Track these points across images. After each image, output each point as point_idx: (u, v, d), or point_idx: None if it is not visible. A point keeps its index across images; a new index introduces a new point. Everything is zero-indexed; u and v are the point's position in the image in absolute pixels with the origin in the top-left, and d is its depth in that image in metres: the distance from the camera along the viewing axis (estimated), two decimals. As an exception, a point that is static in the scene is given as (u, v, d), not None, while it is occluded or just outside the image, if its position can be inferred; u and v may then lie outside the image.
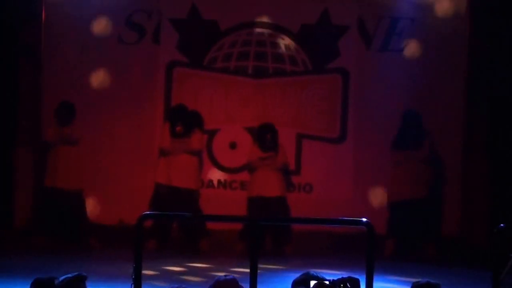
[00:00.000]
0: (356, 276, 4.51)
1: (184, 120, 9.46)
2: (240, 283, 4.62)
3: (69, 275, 4.58)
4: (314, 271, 4.61)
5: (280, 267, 8.38)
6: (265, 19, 10.27)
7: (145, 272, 4.93)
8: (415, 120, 9.52)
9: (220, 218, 7.96)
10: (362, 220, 4.76)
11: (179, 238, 9.67)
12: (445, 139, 9.95)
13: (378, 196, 9.90)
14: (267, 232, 9.45)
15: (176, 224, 9.58)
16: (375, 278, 4.66)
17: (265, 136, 9.51)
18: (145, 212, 5.02)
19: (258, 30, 10.27)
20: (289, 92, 10.27)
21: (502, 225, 5.41)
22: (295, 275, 4.69)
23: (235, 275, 4.83)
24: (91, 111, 9.99)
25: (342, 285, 4.37)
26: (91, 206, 9.71)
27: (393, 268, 8.25)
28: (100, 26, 10.08)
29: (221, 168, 10.23)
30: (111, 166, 10.03)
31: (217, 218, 8.13)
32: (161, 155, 9.59)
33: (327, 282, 4.37)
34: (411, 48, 10.11)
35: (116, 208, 9.88)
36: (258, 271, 4.65)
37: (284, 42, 10.26)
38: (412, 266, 8.60)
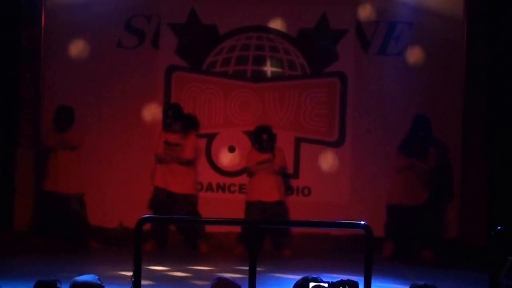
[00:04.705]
0: (355, 279, 4.55)
1: (180, 119, 9.49)
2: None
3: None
4: (312, 274, 4.65)
5: (279, 270, 8.40)
6: (264, 23, 10.30)
7: (144, 274, 4.96)
8: (425, 124, 9.49)
9: (219, 222, 7.99)
10: (360, 223, 4.81)
11: (178, 240, 9.71)
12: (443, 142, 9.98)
13: (376, 199, 9.92)
14: (266, 235, 9.48)
15: (175, 227, 9.61)
16: (373, 280, 4.70)
17: (261, 136, 9.54)
18: (144, 215, 5.06)
19: (257, 34, 10.31)
20: (288, 96, 10.31)
21: (499, 227, 5.45)
22: (294, 278, 4.72)
23: (234, 278, 4.87)
24: (91, 115, 10.03)
25: (341, 287, 4.41)
26: (91, 209, 9.72)
27: (391, 271, 8.28)
28: (100, 30, 10.11)
29: (220, 171, 10.26)
30: (111, 169, 10.06)
31: (216, 221, 8.16)
32: (156, 162, 9.61)
33: (325, 285, 4.41)
34: (409, 52, 10.15)
35: (116, 210, 9.92)
36: (257, 274, 4.68)
37: (283, 46, 10.30)
38: (410, 269, 8.62)
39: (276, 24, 10.25)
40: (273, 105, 10.30)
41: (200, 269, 8.36)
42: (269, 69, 10.28)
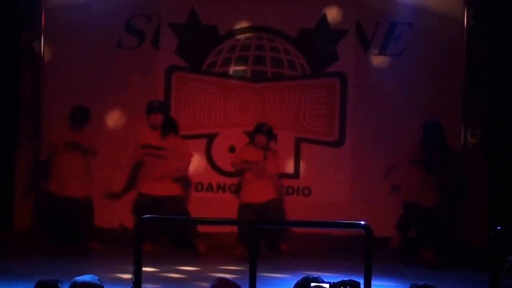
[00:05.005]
0: (355, 279, 4.55)
1: (164, 113, 9.50)
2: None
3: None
4: (313, 274, 4.65)
5: (279, 270, 8.40)
6: (264, 23, 10.30)
7: (144, 275, 4.95)
8: (438, 133, 9.42)
9: (220, 222, 8.00)
10: (360, 223, 4.82)
11: (172, 241, 9.69)
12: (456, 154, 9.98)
13: (376, 199, 9.94)
14: (262, 235, 9.42)
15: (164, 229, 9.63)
16: (373, 280, 4.70)
17: (262, 127, 9.54)
18: (145, 215, 5.06)
19: (257, 34, 10.31)
20: (288, 96, 10.31)
21: (499, 227, 5.45)
22: (294, 278, 4.73)
23: (234, 278, 4.87)
24: (91, 116, 10.00)
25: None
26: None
27: (391, 271, 8.28)
28: (100, 31, 10.11)
29: (220, 171, 10.26)
30: (111, 170, 10.04)
31: (216, 221, 8.16)
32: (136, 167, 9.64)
33: (327, 286, 4.42)
34: (409, 52, 10.15)
35: (117, 211, 9.91)
36: (257, 274, 4.69)
37: (283, 46, 10.31)
38: (410, 269, 8.62)
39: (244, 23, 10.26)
40: (273, 105, 10.30)
41: (200, 270, 8.36)
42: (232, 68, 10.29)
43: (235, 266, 8.32)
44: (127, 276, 7.25)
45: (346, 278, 4.51)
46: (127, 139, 10.10)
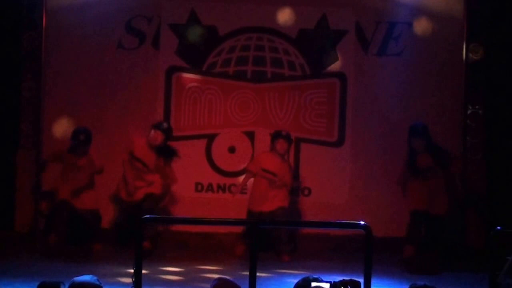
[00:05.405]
0: (355, 279, 4.56)
1: (166, 135, 9.43)
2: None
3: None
4: (313, 275, 4.66)
5: (279, 270, 8.41)
6: (264, 23, 10.31)
7: (144, 276, 4.96)
8: (417, 132, 9.08)
9: (220, 222, 8.01)
10: (360, 223, 4.83)
11: (173, 241, 9.63)
12: (442, 143, 9.98)
13: (376, 199, 9.95)
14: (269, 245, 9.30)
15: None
16: (373, 280, 4.71)
17: (281, 132, 9.49)
18: (145, 216, 5.07)
19: (257, 35, 10.32)
20: (288, 96, 10.32)
21: (498, 227, 5.47)
22: (294, 278, 4.74)
23: (234, 278, 4.88)
24: (91, 116, 10.02)
25: (342, 287, 4.42)
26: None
27: (391, 271, 8.29)
28: (100, 31, 10.12)
29: (220, 172, 10.28)
30: (110, 170, 10.04)
31: (216, 221, 8.18)
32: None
33: (327, 285, 4.42)
34: (409, 52, 10.16)
35: (116, 212, 9.92)
36: (257, 274, 4.70)
37: (283, 46, 10.32)
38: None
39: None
40: (273, 106, 10.32)
41: (200, 270, 8.36)
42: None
43: (235, 266, 8.32)
44: (127, 276, 7.26)
45: (347, 278, 4.52)
46: (127, 138, 10.11)
